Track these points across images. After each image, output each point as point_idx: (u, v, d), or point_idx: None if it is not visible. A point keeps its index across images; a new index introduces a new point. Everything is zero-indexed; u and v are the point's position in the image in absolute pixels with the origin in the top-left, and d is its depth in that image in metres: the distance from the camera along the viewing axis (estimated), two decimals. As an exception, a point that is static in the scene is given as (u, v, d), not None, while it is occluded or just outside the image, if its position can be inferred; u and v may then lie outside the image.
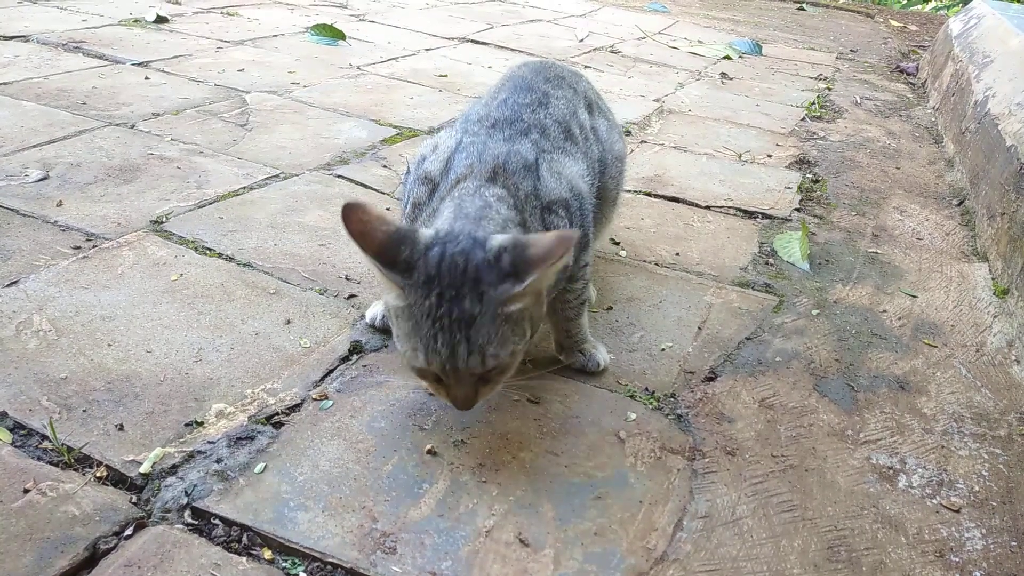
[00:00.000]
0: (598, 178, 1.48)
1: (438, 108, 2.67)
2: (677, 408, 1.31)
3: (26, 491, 1.00)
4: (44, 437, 1.09)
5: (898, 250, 2.00)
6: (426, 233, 1.07)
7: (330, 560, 0.96)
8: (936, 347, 1.58)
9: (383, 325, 1.40)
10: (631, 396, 1.32)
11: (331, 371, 1.30)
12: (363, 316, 1.43)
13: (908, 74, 4.19)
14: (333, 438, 1.15)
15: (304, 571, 0.95)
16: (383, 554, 0.98)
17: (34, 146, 1.98)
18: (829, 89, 3.66)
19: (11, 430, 1.10)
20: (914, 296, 1.77)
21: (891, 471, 1.23)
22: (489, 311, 1.02)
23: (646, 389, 1.35)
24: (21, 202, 1.70)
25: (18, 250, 1.52)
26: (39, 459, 1.06)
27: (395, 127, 2.44)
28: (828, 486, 1.18)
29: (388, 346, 1.38)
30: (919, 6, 8.01)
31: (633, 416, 1.27)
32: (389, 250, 1.03)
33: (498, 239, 1.06)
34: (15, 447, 1.07)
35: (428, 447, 1.15)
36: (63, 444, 1.08)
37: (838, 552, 1.07)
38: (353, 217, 1.02)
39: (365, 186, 2.00)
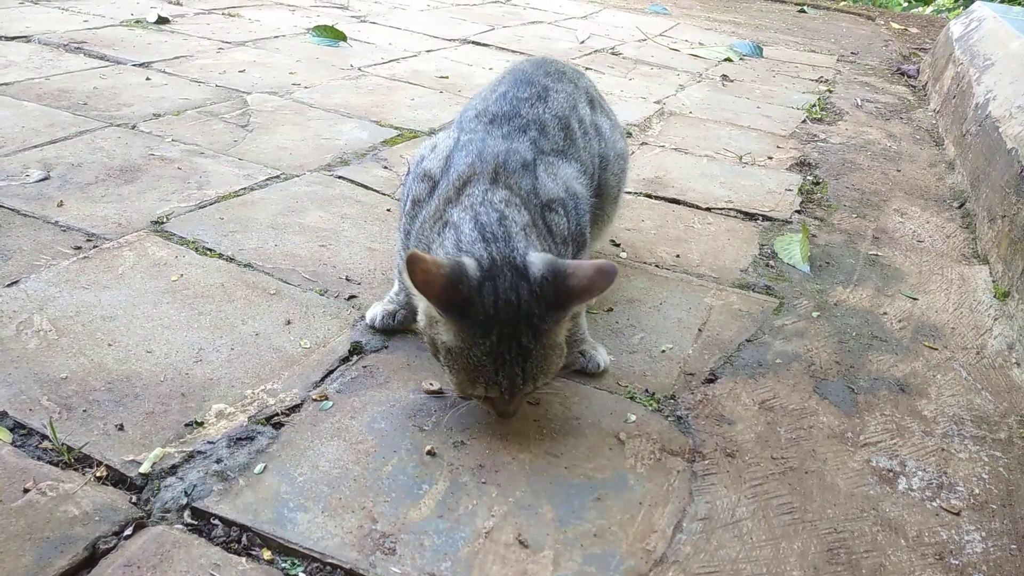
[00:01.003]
0: (599, 173, 1.49)
1: (439, 109, 2.67)
2: (677, 410, 1.31)
3: (26, 491, 1.00)
4: (44, 437, 1.09)
5: (899, 252, 2.00)
6: (470, 265, 1.11)
7: (329, 561, 0.96)
8: (936, 349, 1.58)
9: (383, 326, 1.40)
10: (631, 398, 1.32)
11: (331, 372, 1.30)
12: (363, 317, 1.43)
13: (909, 77, 4.19)
14: (333, 439, 1.15)
15: (303, 572, 0.95)
16: (382, 555, 0.98)
17: (35, 146, 1.98)
18: (830, 91, 3.67)
19: (11, 430, 1.10)
20: (915, 298, 1.77)
21: (891, 473, 1.23)
22: (541, 343, 1.11)
23: (646, 391, 1.35)
24: (22, 202, 1.70)
25: (19, 250, 1.52)
26: (39, 459, 1.06)
27: (396, 128, 2.45)
28: (828, 488, 1.18)
29: (388, 347, 1.38)
30: (920, 9, 8.02)
31: (633, 418, 1.27)
32: (449, 292, 1.08)
33: (537, 266, 1.11)
34: (15, 447, 1.07)
35: (428, 448, 1.15)
36: (63, 444, 1.08)
37: (838, 554, 1.07)
38: (416, 268, 1.06)
39: (366, 187, 2.00)
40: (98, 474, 1.05)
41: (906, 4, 8.11)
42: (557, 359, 1.15)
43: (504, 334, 1.09)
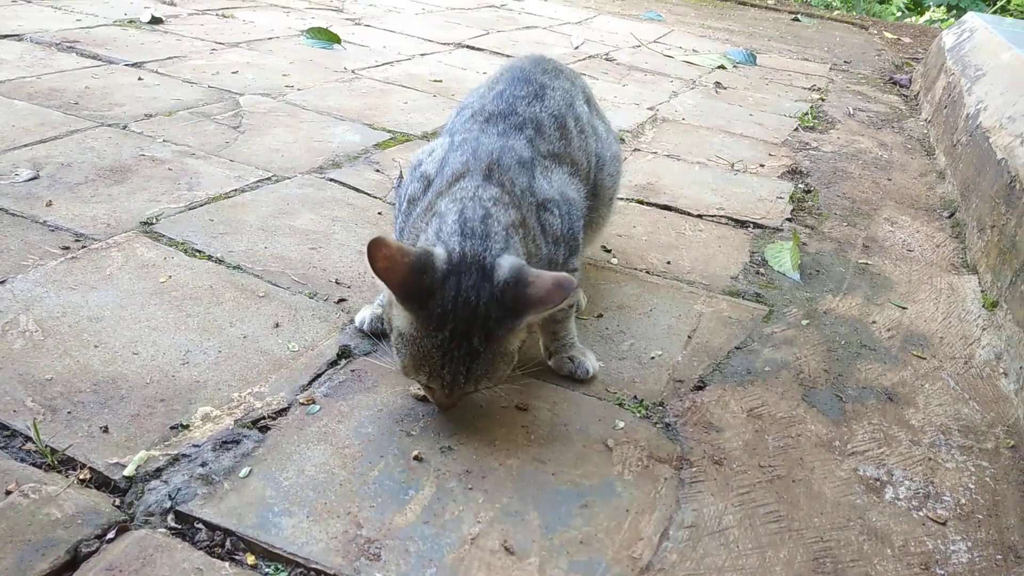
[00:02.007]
0: (595, 173, 1.49)
1: (432, 113, 2.67)
2: (665, 417, 1.31)
3: (8, 492, 0.99)
4: (28, 438, 1.08)
5: (888, 261, 2.01)
6: (440, 256, 1.11)
7: (313, 566, 0.96)
8: (925, 359, 1.59)
9: (372, 329, 1.39)
10: (620, 404, 1.32)
11: (319, 375, 1.30)
12: (352, 320, 1.43)
13: (901, 86, 4.21)
14: (319, 443, 1.15)
15: (287, 577, 0.95)
16: (367, 560, 0.97)
17: (25, 145, 1.97)
18: (822, 100, 3.68)
19: (-6, 431, 1.09)
20: (904, 307, 1.78)
21: (878, 483, 1.23)
22: (491, 347, 1.12)
23: (635, 397, 1.34)
24: (10, 201, 1.69)
25: (6, 249, 1.51)
26: (22, 460, 1.05)
27: (388, 131, 2.44)
28: (815, 497, 1.18)
29: (377, 351, 1.37)
30: (914, 19, 8.06)
31: (621, 424, 1.27)
32: (411, 281, 1.09)
33: (504, 269, 1.11)
34: (-2, 448, 1.06)
35: (415, 453, 1.14)
36: (47, 446, 1.07)
37: (824, 563, 1.06)
38: (379, 255, 1.06)
39: (357, 190, 2.00)
40: (81, 476, 1.04)
41: (900, 14, 8.15)
42: (504, 367, 1.16)
43: (457, 331, 1.10)
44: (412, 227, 1.27)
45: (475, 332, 1.10)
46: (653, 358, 1.46)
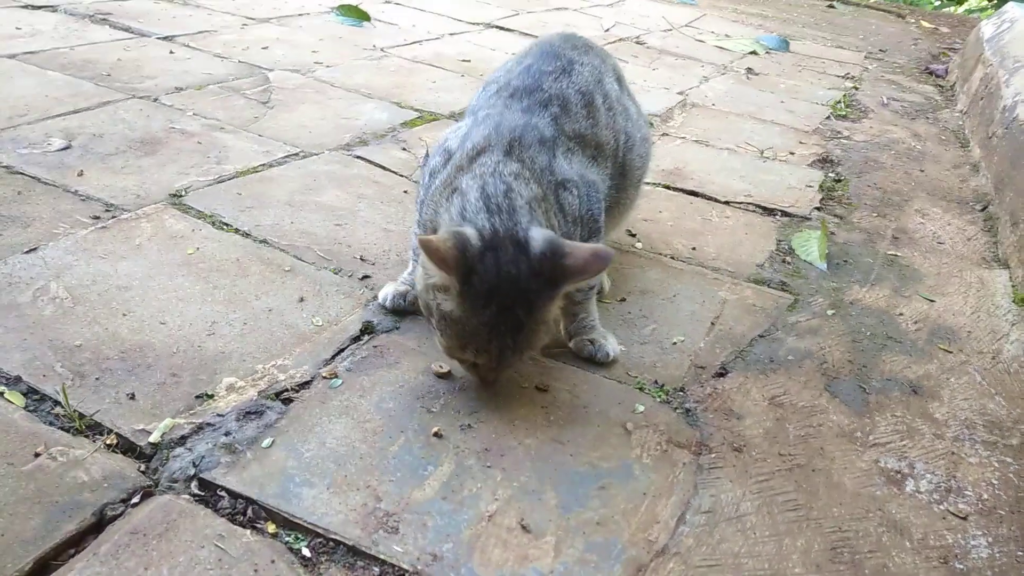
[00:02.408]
0: (624, 152, 1.48)
1: (460, 93, 2.66)
2: (686, 402, 1.31)
3: (36, 455, 1.01)
4: (56, 403, 1.10)
5: (918, 253, 1.98)
6: (471, 234, 1.12)
7: (333, 536, 0.97)
8: (951, 352, 1.57)
9: (394, 306, 1.40)
10: (640, 388, 1.32)
11: (342, 350, 1.31)
12: (376, 297, 1.44)
13: (937, 76, 4.13)
14: (341, 416, 1.16)
15: (307, 546, 0.96)
16: (385, 533, 0.98)
17: (58, 115, 2.00)
18: (856, 88, 3.62)
19: (24, 394, 1.11)
20: (932, 300, 1.76)
21: (899, 475, 1.22)
22: (534, 317, 1.14)
23: (655, 382, 1.34)
24: (43, 170, 1.71)
25: (38, 218, 1.53)
26: (51, 424, 1.07)
27: (416, 110, 2.44)
28: (834, 487, 1.17)
29: (399, 328, 1.38)
30: (952, 8, 7.90)
31: (641, 408, 1.27)
32: (461, 264, 1.10)
33: (538, 241, 1.13)
34: (28, 411, 1.08)
35: (435, 430, 1.15)
36: (75, 410, 1.09)
37: (841, 553, 1.06)
38: (431, 250, 1.09)
39: (384, 168, 2.00)
40: (108, 441, 1.06)
41: (938, 3, 7.99)
42: (544, 335, 1.19)
43: (503, 305, 1.11)
44: (431, 199, 1.28)
45: (519, 304, 1.12)
46: (675, 343, 1.46)
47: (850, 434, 1.29)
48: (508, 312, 1.11)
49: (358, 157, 2.04)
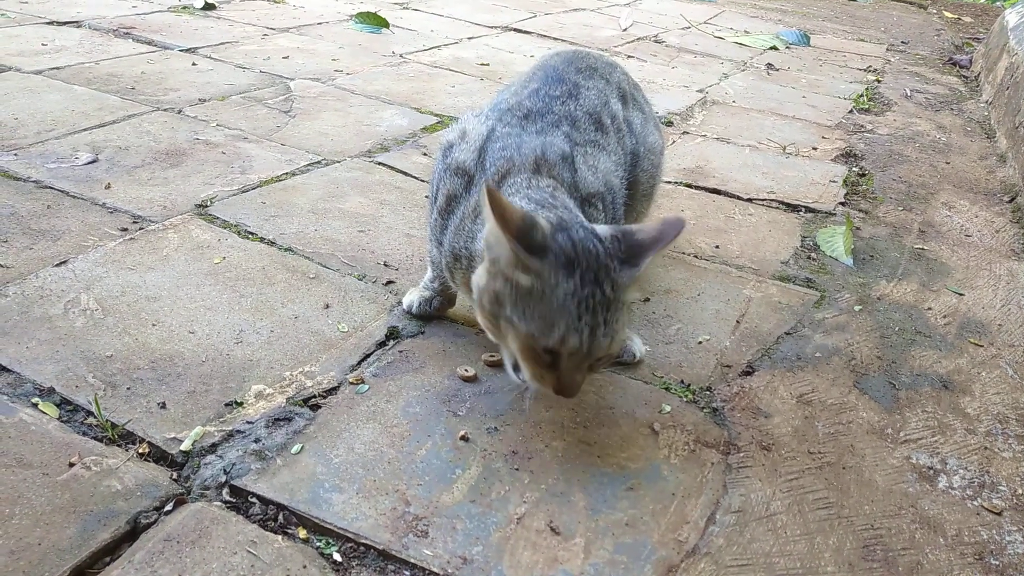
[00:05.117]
0: (629, 171, 1.47)
1: (479, 97, 2.67)
2: (713, 402, 1.30)
3: (71, 465, 1.03)
4: (89, 413, 1.12)
5: (945, 247, 1.96)
6: (541, 218, 1.07)
7: (363, 541, 0.98)
8: (982, 346, 1.54)
9: (420, 312, 1.41)
10: (666, 388, 1.32)
11: (368, 356, 1.31)
12: (400, 302, 1.44)
13: (961, 67, 4.08)
14: (368, 422, 1.17)
15: (338, 551, 0.97)
16: (415, 537, 0.99)
17: (84, 129, 2.03)
18: (878, 81, 3.59)
19: (58, 405, 1.13)
20: (960, 294, 1.73)
21: (931, 471, 1.20)
22: (619, 296, 1.06)
23: (682, 382, 1.34)
24: (71, 184, 1.74)
25: (67, 231, 1.56)
26: (84, 434, 1.09)
27: (436, 115, 2.45)
28: (866, 484, 1.16)
29: (424, 332, 1.38)
30: (975, -3, 7.78)
31: (668, 408, 1.27)
32: (525, 232, 1.03)
33: (603, 227, 1.10)
34: (61, 422, 1.10)
35: (462, 433, 1.16)
36: (107, 420, 1.10)
37: (874, 551, 1.05)
38: (494, 199, 1.01)
39: (405, 173, 2.01)
40: (140, 450, 1.07)
41: (960, -8, 7.88)
42: (627, 322, 1.12)
43: (586, 279, 1.03)
44: (459, 228, 1.23)
45: (603, 279, 1.04)
46: (701, 343, 1.45)
47: (880, 431, 1.28)
48: (594, 286, 1.03)
49: (380, 163, 2.05)
